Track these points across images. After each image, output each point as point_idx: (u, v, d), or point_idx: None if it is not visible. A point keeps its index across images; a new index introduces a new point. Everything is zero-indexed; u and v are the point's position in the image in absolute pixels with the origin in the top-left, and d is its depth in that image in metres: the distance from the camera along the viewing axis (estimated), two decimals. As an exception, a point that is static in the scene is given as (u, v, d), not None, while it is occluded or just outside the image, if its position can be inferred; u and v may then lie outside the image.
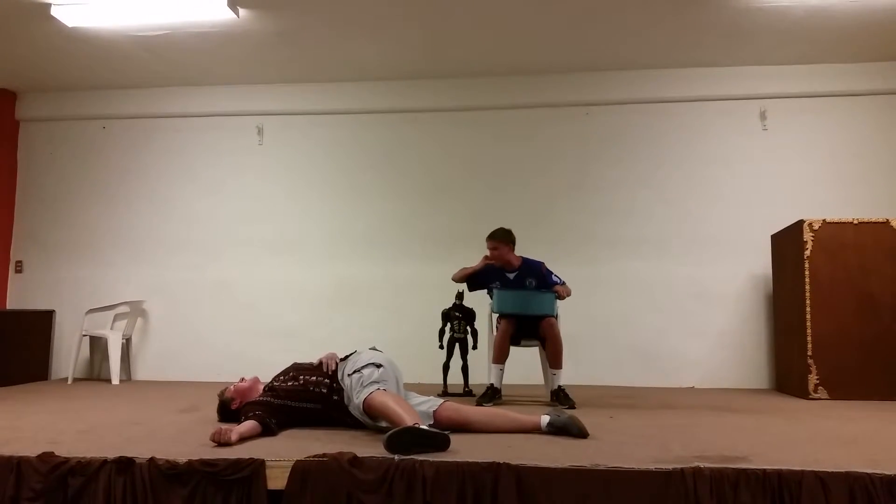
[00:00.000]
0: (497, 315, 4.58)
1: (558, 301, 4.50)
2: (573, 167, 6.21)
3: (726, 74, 6.05)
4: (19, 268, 6.69)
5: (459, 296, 5.17)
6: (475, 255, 4.92)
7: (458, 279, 4.75)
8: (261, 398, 3.35)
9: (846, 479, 2.35)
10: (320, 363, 3.47)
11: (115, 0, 4.86)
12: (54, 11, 4.96)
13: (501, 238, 4.65)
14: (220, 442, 2.84)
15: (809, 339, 4.82)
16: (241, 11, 5.03)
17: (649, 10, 5.05)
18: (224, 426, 2.95)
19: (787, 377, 5.34)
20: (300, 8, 5.04)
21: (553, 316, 4.44)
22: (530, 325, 4.46)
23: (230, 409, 3.42)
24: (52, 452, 2.63)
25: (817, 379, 4.78)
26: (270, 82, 6.45)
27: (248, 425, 3.08)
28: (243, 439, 2.96)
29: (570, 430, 3.04)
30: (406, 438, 2.63)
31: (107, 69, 6.15)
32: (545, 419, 3.13)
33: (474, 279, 4.71)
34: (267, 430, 3.11)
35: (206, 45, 5.62)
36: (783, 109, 6.04)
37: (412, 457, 2.52)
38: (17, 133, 6.80)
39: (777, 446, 2.92)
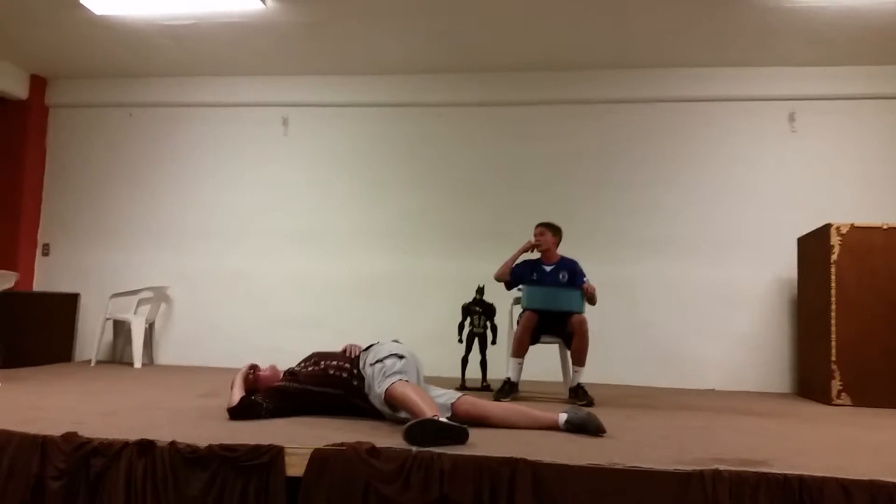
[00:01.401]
0: (520, 310, 4.58)
1: (590, 302, 4.51)
2: (598, 165, 6.17)
3: (755, 75, 5.97)
4: (46, 251, 6.79)
5: (480, 290, 5.17)
6: (496, 250, 4.92)
7: (499, 275, 4.76)
8: (279, 384, 3.40)
9: (870, 487, 2.31)
10: (343, 350, 3.51)
11: (145, -12, 4.92)
12: (84, -1, 5.03)
13: (550, 227, 4.74)
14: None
15: (834, 344, 4.75)
16: (269, 2, 5.05)
17: (678, 7, 5.00)
18: None
19: (810, 382, 5.27)
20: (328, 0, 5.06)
21: (581, 312, 4.42)
22: (554, 322, 4.46)
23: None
24: (76, 433, 2.67)
25: (841, 385, 4.72)
26: (296, 74, 6.47)
27: (238, 389, 3.34)
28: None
29: (587, 427, 3.02)
30: (425, 430, 2.64)
31: (135, 57, 6.22)
32: (563, 416, 3.11)
33: (514, 274, 4.71)
34: (240, 410, 3.24)
35: (234, 35, 5.65)
36: (813, 111, 5.95)
37: (430, 449, 2.53)
38: (46, 118, 6.90)
39: (798, 451, 2.88)
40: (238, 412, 3.22)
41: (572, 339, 4.40)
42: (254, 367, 3.53)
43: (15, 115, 6.72)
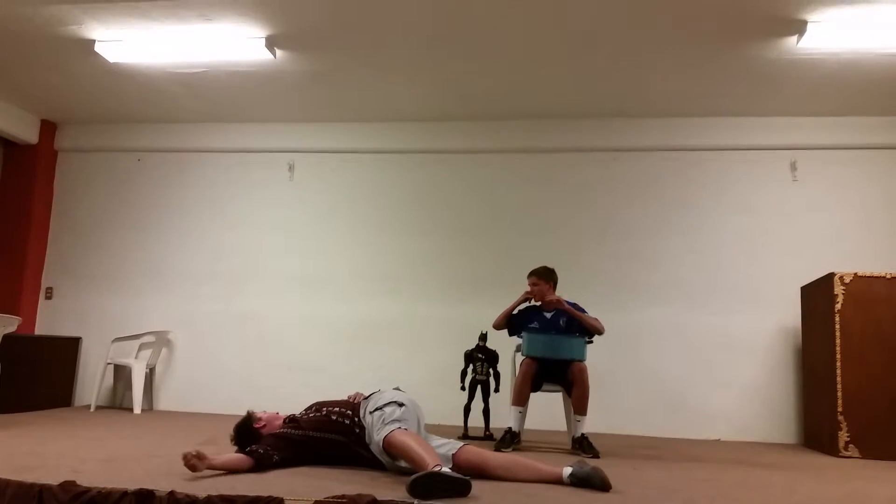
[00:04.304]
0: (522, 357, 4.55)
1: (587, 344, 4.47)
2: (600, 213, 6.21)
3: (757, 124, 6.05)
4: (49, 294, 6.80)
5: (483, 337, 5.15)
6: (500, 297, 4.91)
7: (498, 324, 4.73)
8: (281, 430, 3.36)
9: (881, 544, 2.27)
10: (347, 398, 3.50)
11: (155, 38, 5.01)
12: (98, 47, 5.13)
13: (542, 275, 4.68)
14: (188, 466, 2.87)
15: (840, 394, 4.70)
16: (278, 52, 5.16)
17: (680, 57, 5.09)
18: (198, 452, 2.94)
19: (817, 433, 5.21)
20: (336, 51, 5.15)
21: (582, 360, 4.39)
22: (555, 370, 4.42)
23: (253, 428, 3.41)
24: (74, 481, 2.63)
25: (848, 436, 4.65)
26: (303, 121, 6.57)
27: (235, 459, 3.11)
28: (220, 469, 3.00)
29: (592, 481, 2.96)
30: (430, 483, 2.59)
31: (145, 103, 6.32)
32: (567, 470, 3.05)
33: (513, 322, 4.69)
34: (259, 467, 3.11)
35: (243, 83, 5.75)
36: (814, 161, 6.00)
37: (432, 502, 2.49)
38: (54, 163, 6.99)
39: (807, 506, 2.83)
40: (255, 469, 3.12)
41: (573, 387, 4.36)
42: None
43: (24, 159, 6.81)
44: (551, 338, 4.49)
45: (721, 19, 4.53)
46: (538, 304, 4.70)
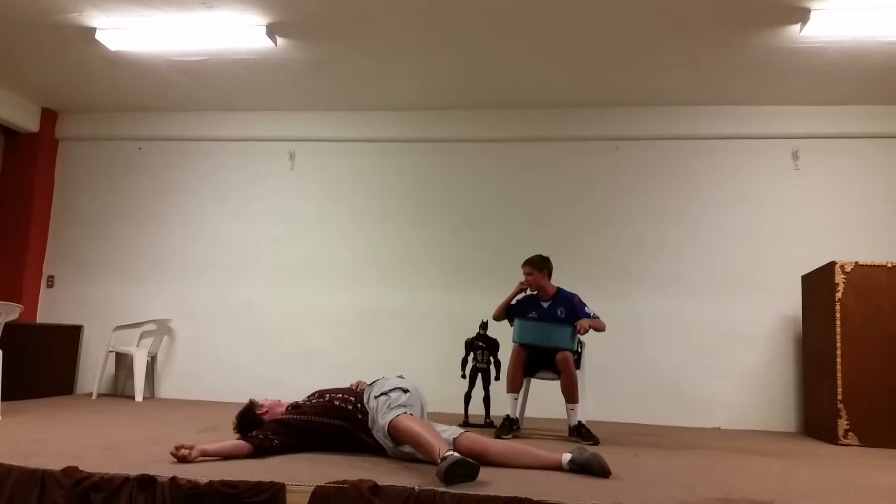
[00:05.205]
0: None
1: (581, 335, 4.46)
2: (602, 201, 6.20)
3: (759, 113, 6.03)
4: (51, 282, 6.81)
5: (483, 325, 5.16)
6: (501, 285, 4.92)
7: (497, 316, 4.74)
8: (283, 416, 3.38)
9: (879, 529, 2.28)
10: (350, 386, 3.53)
11: (157, 26, 5.00)
12: (99, 35, 5.12)
13: (536, 264, 4.67)
14: (178, 458, 2.88)
15: (840, 382, 4.71)
16: (279, 40, 5.14)
17: (683, 46, 5.07)
18: (182, 444, 2.94)
19: (816, 421, 5.22)
20: (337, 39, 5.14)
21: (570, 349, 4.39)
22: (548, 358, 4.42)
23: (255, 414, 3.43)
24: (77, 467, 2.65)
25: (847, 424, 4.67)
26: (304, 109, 6.55)
27: (232, 445, 3.12)
28: (217, 456, 3.00)
29: (591, 468, 2.98)
30: (459, 469, 2.60)
31: (145, 92, 6.31)
32: (567, 457, 3.06)
33: (513, 312, 4.69)
34: (258, 452, 3.12)
35: (244, 71, 5.74)
36: (816, 150, 5.99)
37: (432, 487, 2.50)
38: (55, 151, 6.98)
39: (805, 493, 2.84)
40: (255, 454, 3.14)
41: (560, 376, 4.36)
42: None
43: (25, 147, 6.80)
44: (539, 325, 4.49)
45: (724, 7, 4.51)
46: (534, 293, 4.71)
